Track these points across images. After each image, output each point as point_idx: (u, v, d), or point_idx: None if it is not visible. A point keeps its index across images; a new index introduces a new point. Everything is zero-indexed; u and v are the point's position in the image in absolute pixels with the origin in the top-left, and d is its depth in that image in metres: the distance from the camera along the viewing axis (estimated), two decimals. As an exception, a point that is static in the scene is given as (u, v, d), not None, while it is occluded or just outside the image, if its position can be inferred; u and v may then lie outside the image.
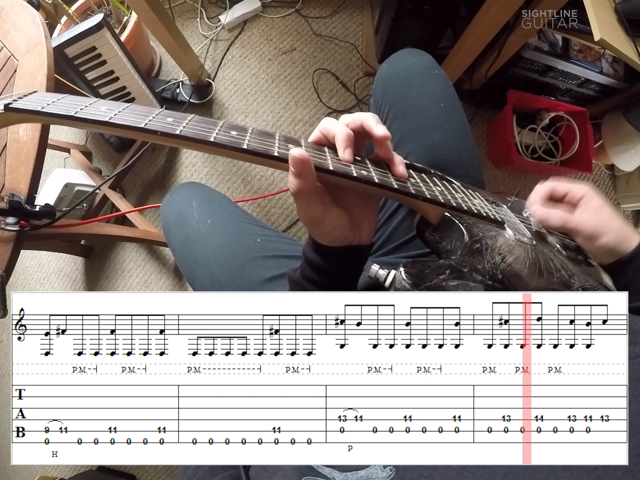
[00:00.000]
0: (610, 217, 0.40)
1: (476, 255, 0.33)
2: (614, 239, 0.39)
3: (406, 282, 0.30)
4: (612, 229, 0.40)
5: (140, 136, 0.27)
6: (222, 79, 1.26)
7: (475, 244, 0.33)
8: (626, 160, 1.18)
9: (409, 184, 0.34)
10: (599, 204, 0.41)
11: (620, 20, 0.71)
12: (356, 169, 0.30)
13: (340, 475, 0.23)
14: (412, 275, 0.30)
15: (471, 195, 0.41)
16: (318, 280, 0.36)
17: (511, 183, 1.25)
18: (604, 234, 0.39)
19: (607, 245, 0.40)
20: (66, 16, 1.06)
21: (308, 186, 0.28)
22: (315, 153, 0.30)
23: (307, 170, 0.27)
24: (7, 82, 0.59)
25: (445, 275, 0.32)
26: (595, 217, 0.40)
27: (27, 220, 0.56)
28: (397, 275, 0.31)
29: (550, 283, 0.35)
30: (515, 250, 0.35)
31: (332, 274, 0.36)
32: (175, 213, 0.57)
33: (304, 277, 0.37)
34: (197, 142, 0.27)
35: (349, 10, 1.31)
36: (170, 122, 0.27)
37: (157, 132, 0.27)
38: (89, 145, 1.26)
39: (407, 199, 0.33)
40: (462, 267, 0.32)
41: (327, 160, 0.30)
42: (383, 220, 0.56)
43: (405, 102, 0.54)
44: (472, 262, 0.33)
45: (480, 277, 0.32)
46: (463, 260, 0.33)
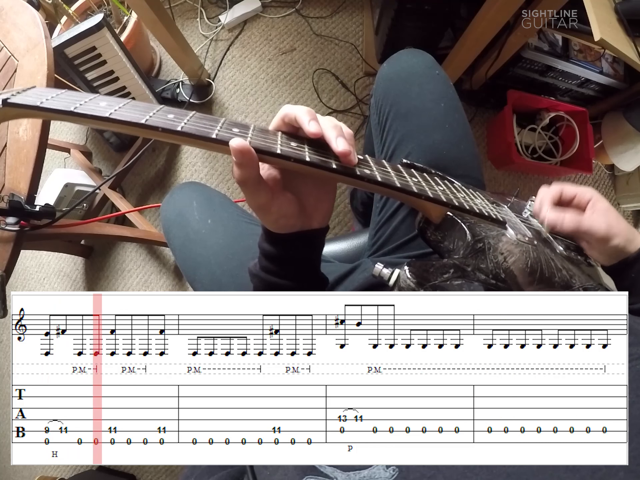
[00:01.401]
0: (617, 219, 0.41)
1: (479, 254, 0.33)
2: (624, 239, 0.40)
3: (411, 280, 0.30)
4: (621, 230, 0.40)
5: (141, 132, 0.27)
6: (222, 79, 1.26)
7: (477, 243, 0.33)
8: (626, 160, 1.18)
9: (411, 182, 0.33)
10: (606, 206, 0.42)
11: (620, 20, 0.71)
12: (358, 169, 0.30)
13: (342, 475, 0.23)
14: (416, 274, 0.30)
15: (472, 195, 0.40)
16: (275, 270, 0.36)
17: (511, 183, 1.25)
18: (616, 235, 0.40)
19: (619, 247, 0.40)
20: (66, 16, 1.06)
21: (251, 175, 0.28)
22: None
23: (247, 160, 0.27)
24: (7, 82, 0.60)
25: (449, 274, 0.32)
26: (606, 219, 0.41)
27: (27, 220, 0.56)
28: (401, 274, 0.31)
29: (552, 283, 0.35)
30: (517, 250, 0.35)
31: (287, 262, 0.36)
32: (176, 213, 0.57)
33: (262, 269, 0.37)
34: (198, 139, 0.27)
35: (349, 10, 1.31)
36: (171, 119, 0.27)
37: (158, 128, 0.26)
38: (89, 145, 1.26)
39: (410, 197, 0.33)
40: (465, 267, 0.32)
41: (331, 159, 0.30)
42: (384, 220, 0.56)
43: (406, 102, 0.54)
44: (475, 262, 0.33)
45: (483, 276, 0.32)
46: (466, 260, 0.33)
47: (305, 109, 0.30)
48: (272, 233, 0.35)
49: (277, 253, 0.36)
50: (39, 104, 0.26)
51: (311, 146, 0.30)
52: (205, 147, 0.28)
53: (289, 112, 0.31)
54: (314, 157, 0.29)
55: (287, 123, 0.31)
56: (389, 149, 0.56)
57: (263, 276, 0.37)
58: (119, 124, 0.26)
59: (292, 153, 0.28)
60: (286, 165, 0.30)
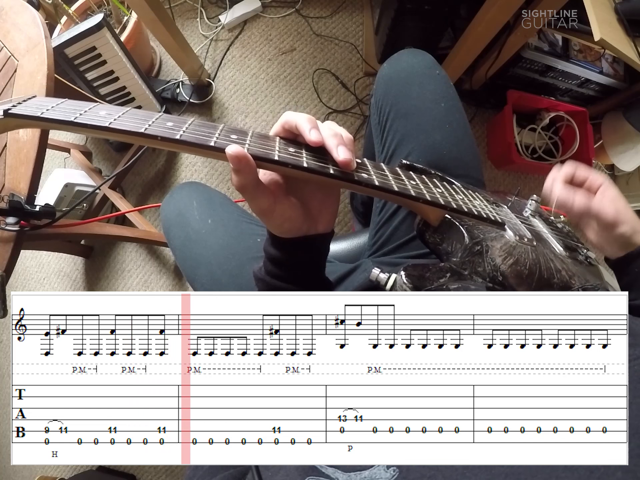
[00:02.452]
0: (626, 207, 0.41)
1: (476, 257, 0.33)
2: (631, 228, 0.40)
3: (407, 285, 0.30)
4: (629, 219, 0.40)
5: (141, 141, 0.27)
6: (222, 79, 1.26)
7: (475, 246, 0.33)
8: (626, 160, 1.18)
9: (409, 185, 0.33)
10: (616, 194, 0.42)
11: (620, 20, 0.71)
12: (355, 173, 0.30)
13: (343, 475, 0.23)
14: (413, 279, 0.30)
15: (471, 196, 0.41)
16: (280, 274, 0.36)
17: (511, 183, 1.25)
18: (624, 222, 0.40)
19: (625, 235, 0.40)
20: (66, 16, 1.06)
21: (248, 181, 0.28)
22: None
23: (244, 166, 0.27)
24: (7, 82, 0.59)
25: (446, 278, 0.32)
26: (615, 205, 0.41)
27: (27, 220, 0.56)
28: (397, 279, 0.31)
29: (551, 284, 0.35)
30: (515, 252, 0.35)
31: (293, 266, 0.36)
32: (176, 213, 0.57)
33: (267, 273, 0.37)
34: (197, 147, 0.27)
35: (349, 10, 1.31)
36: (170, 127, 0.27)
37: (157, 137, 0.27)
38: (89, 145, 1.26)
39: (407, 201, 0.33)
40: (462, 270, 0.32)
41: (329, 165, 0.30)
42: (384, 221, 0.57)
43: (406, 102, 0.54)
44: (473, 264, 0.33)
45: (480, 279, 0.32)
46: (463, 262, 0.33)
47: (306, 117, 0.30)
48: (277, 237, 0.34)
49: (282, 257, 0.35)
50: (40, 115, 0.26)
51: (309, 152, 0.31)
52: (204, 154, 0.28)
53: (289, 119, 0.31)
54: (312, 163, 0.29)
55: (288, 130, 0.31)
56: (389, 148, 0.56)
57: (268, 280, 0.37)
58: (118, 133, 0.27)
59: (289, 159, 0.28)
60: (284, 172, 0.30)
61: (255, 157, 0.28)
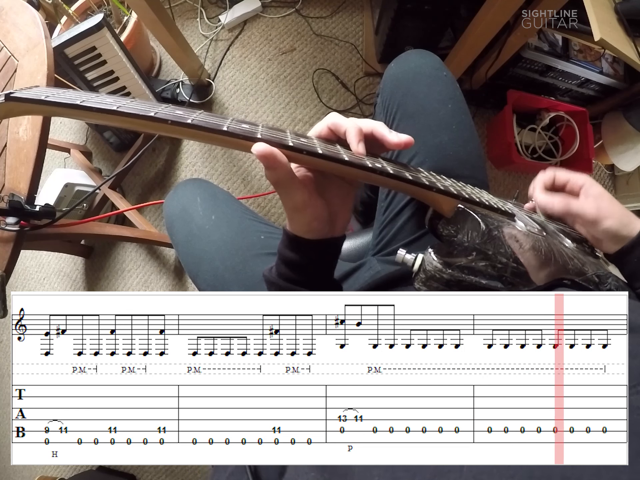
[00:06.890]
0: (611, 202, 0.41)
1: (496, 240, 0.33)
2: (616, 222, 0.40)
3: (437, 262, 0.31)
4: (614, 213, 0.40)
5: (149, 126, 0.27)
6: (222, 79, 1.26)
7: (492, 231, 0.34)
8: (626, 160, 1.18)
9: (421, 176, 0.34)
10: (599, 191, 0.42)
11: (620, 20, 0.71)
12: (370, 161, 0.31)
13: None
14: (442, 254, 0.30)
15: (478, 191, 0.41)
16: (294, 277, 0.36)
17: (511, 183, 1.25)
18: (607, 218, 0.40)
19: (611, 229, 0.40)
20: (66, 16, 1.06)
21: (282, 175, 0.28)
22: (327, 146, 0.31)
23: (273, 162, 0.27)
24: (7, 82, 0.60)
25: (473, 256, 0.32)
26: (597, 202, 0.41)
27: (27, 220, 0.56)
28: (425, 257, 0.31)
29: (567, 270, 0.36)
30: (529, 239, 0.35)
31: (307, 269, 0.36)
32: (179, 208, 0.57)
33: (279, 276, 0.37)
34: (209, 132, 0.27)
35: (349, 10, 1.31)
36: (179, 114, 0.27)
37: (167, 121, 0.26)
38: (89, 145, 1.26)
39: (421, 190, 0.33)
40: (486, 250, 0.33)
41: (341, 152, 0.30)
42: (389, 220, 0.56)
43: (413, 102, 0.54)
44: (494, 246, 0.33)
45: (504, 259, 0.33)
46: (485, 245, 0.33)
47: (372, 122, 0.33)
48: (297, 239, 0.34)
49: (299, 260, 0.35)
50: (43, 98, 0.26)
51: (321, 141, 0.31)
52: (215, 140, 0.28)
53: (337, 122, 0.33)
54: (326, 150, 0.29)
55: (333, 131, 0.33)
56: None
57: (282, 284, 0.37)
58: (127, 117, 0.26)
59: (304, 146, 0.29)
60: (299, 159, 0.30)
61: (270, 142, 0.28)
